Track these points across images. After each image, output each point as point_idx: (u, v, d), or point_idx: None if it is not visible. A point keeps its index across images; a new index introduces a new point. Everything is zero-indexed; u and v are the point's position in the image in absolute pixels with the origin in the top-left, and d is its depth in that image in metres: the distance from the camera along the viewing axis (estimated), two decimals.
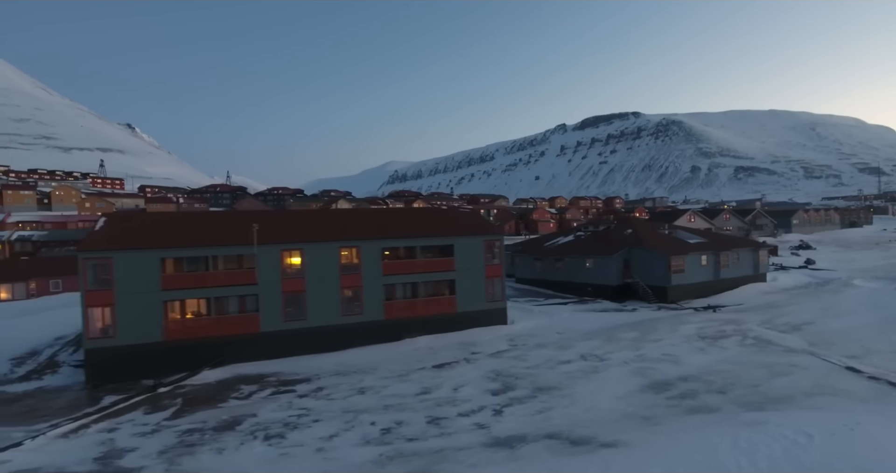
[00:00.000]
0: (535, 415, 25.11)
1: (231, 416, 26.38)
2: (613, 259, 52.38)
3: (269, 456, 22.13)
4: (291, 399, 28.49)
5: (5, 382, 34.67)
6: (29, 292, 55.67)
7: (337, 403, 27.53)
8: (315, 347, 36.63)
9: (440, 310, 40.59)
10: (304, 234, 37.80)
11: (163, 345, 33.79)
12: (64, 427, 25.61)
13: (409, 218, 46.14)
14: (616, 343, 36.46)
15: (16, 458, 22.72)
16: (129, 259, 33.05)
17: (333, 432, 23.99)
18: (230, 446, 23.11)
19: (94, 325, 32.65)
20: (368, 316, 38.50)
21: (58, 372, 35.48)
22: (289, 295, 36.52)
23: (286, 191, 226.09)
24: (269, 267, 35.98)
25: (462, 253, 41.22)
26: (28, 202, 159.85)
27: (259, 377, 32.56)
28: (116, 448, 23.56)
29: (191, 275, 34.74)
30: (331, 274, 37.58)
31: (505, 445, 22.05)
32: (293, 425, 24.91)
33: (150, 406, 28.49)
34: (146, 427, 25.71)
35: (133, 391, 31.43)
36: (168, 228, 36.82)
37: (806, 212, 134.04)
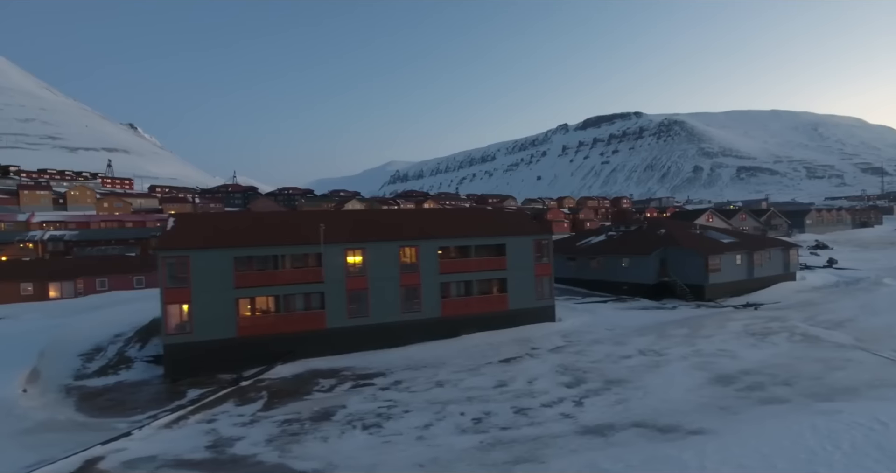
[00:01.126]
0: (615, 406, 26.39)
1: (322, 407, 27.65)
2: (650, 258, 53.66)
3: (373, 444, 23.39)
4: (374, 391, 29.76)
5: (82, 377, 35.92)
6: (77, 290, 56.87)
7: (419, 395, 28.79)
8: (377, 343, 37.88)
9: (493, 308, 41.85)
10: (366, 234, 39.06)
11: (236, 341, 35.03)
12: (165, 418, 26.85)
13: (462, 218, 47.38)
14: (669, 339, 37.73)
15: (130, 446, 23.98)
16: (204, 258, 34.30)
17: (427, 422, 25.26)
18: (332, 434, 24.39)
19: (172, 322, 33.87)
20: (426, 313, 39.75)
21: (132, 368, 36.71)
22: (352, 292, 37.79)
23: (296, 191, 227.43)
24: (334, 266, 37.23)
25: (513, 253, 42.49)
26: (44, 202, 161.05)
27: (333, 371, 33.82)
28: (223, 437, 24.83)
29: (262, 274, 35.99)
30: (391, 272, 38.85)
31: (596, 433, 23.32)
32: (385, 415, 26.18)
33: (239, 399, 29.74)
34: (243, 418, 26.98)
35: (213, 385, 32.69)
36: (238, 228, 38.08)
37: (818, 213, 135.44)
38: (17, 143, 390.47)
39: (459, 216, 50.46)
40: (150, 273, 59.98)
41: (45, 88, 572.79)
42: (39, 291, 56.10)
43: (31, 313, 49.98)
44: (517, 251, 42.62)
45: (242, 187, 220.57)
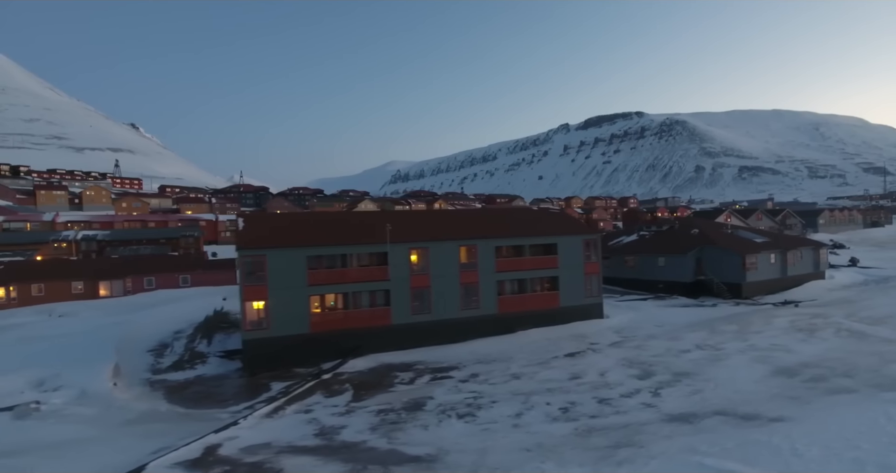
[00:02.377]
0: (691, 396, 27.82)
1: (411, 398, 29.08)
2: (687, 257, 55.14)
3: (472, 431, 24.81)
4: (455, 384, 31.18)
5: (159, 371, 37.33)
6: (126, 289, 58.24)
7: (500, 387, 30.23)
8: (438, 339, 39.33)
9: (545, 305, 43.31)
10: (428, 233, 40.49)
11: (308, 337, 36.47)
12: (264, 409, 28.27)
13: (514, 218, 48.79)
14: (721, 335, 39.17)
15: (241, 435, 25.40)
16: (280, 256, 35.73)
17: (517, 411, 26.68)
18: (430, 423, 25.81)
19: (250, 318, 35.28)
20: (484, 310, 41.20)
21: (207, 363, 38.12)
22: (416, 290, 39.22)
23: (307, 191, 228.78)
24: (399, 264, 38.67)
25: (564, 251, 43.94)
26: (60, 202, 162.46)
27: (405, 365, 35.26)
28: (325, 425, 26.25)
29: (332, 272, 37.42)
30: (452, 270, 40.29)
31: (682, 420, 24.74)
32: (475, 406, 27.60)
33: (325, 391, 31.16)
34: (338, 409, 28.41)
35: (293, 378, 34.14)
36: (309, 228, 39.52)
37: (831, 213, 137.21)
38: (24, 143, 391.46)
39: (512, 216, 51.93)
40: (194, 271, 61.45)
41: (49, 88, 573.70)
42: (90, 289, 57.46)
43: (89, 311, 51.40)
44: (568, 250, 44.07)
45: (254, 187, 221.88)
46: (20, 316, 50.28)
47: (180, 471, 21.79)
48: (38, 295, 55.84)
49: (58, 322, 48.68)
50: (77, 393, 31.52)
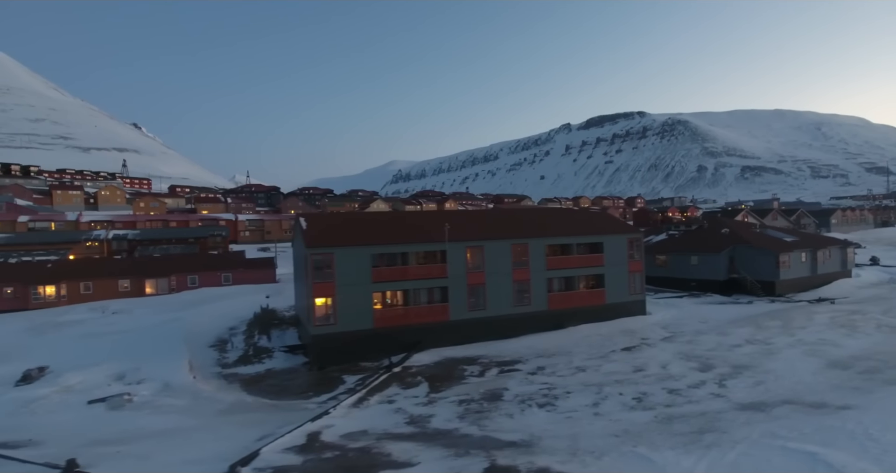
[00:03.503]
0: (755, 387, 29.19)
1: (487, 389, 30.46)
2: (721, 256, 56.53)
3: (556, 419, 26.19)
4: (524, 376, 32.55)
5: (227, 366, 38.71)
6: (170, 287, 59.57)
7: (569, 379, 31.60)
8: (492, 334, 40.72)
9: (592, 302, 44.70)
10: (482, 232, 41.89)
11: (372, 332, 37.85)
12: (349, 400, 29.63)
13: (562, 217, 50.21)
14: (767, 330, 40.55)
15: (335, 423, 26.77)
16: (347, 254, 37.11)
17: (593, 401, 28.06)
18: (514, 412, 27.20)
19: (319, 314, 36.64)
20: (535, 306, 42.60)
21: (273, 357, 39.53)
22: (472, 287, 40.61)
23: (317, 191, 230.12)
24: (456, 262, 40.05)
25: (610, 250, 45.34)
26: (76, 201, 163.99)
27: (469, 359, 36.64)
28: (413, 414, 27.63)
29: (394, 269, 38.79)
30: (505, 268, 41.67)
31: (754, 409, 26.11)
32: (551, 396, 28.97)
33: (400, 383, 32.53)
34: (419, 399, 29.79)
35: (363, 372, 35.53)
36: (371, 228, 40.90)
37: (843, 212, 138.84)
38: (31, 143, 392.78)
39: (559, 216, 53.48)
40: (236, 270, 62.81)
41: (53, 88, 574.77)
42: (136, 287, 58.79)
43: (141, 308, 52.70)
44: (613, 248, 45.46)
45: (265, 187, 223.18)
46: (75, 314, 51.60)
47: (292, 456, 23.16)
48: (87, 293, 57.19)
49: (113, 319, 50.02)
50: (160, 386, 32.90)
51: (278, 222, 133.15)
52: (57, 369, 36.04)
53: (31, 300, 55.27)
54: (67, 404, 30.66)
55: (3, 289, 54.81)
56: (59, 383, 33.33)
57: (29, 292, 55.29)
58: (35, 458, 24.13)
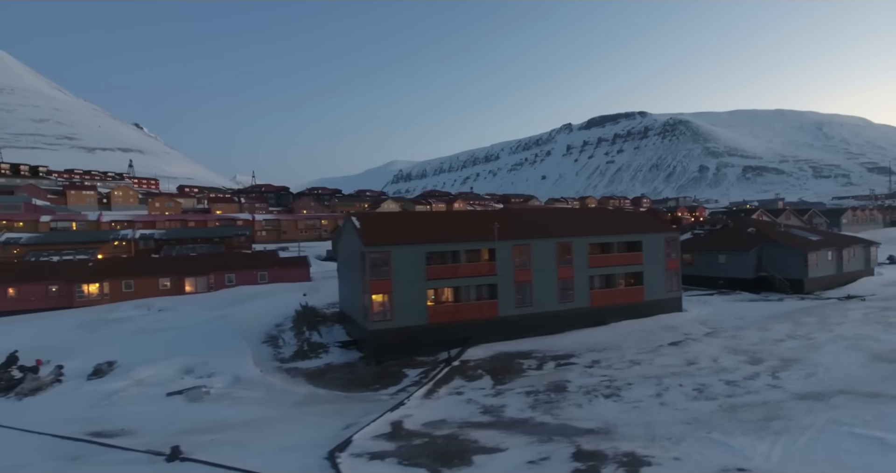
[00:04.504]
0: (808, 378, 30.44)
1: (550, 381, 31.74)
2: (749, 254, 57.87)
3: (624, 409, 27.45)
4: (582, 369, 33.84)
5: (285, 360, 39.95)
6: (209, 285, 60.83)
7: (626, 372, 32.88)
8: (538, 330, 42.01)
9: (631, 299, 46.01)
10: (528, 231, 43.20)
11: (426, 327, 39.14)
12: (419, 391, 30.90)
13: (602, 217, 51.52)
14: (805, 326, 41.85)
15: (413, 413, 28.04)
16: (403, 253, 38.40)
17: (655, 392, 29.31)
18: (582, 402, 28.47)
19: (376, 310, 37.92)
20: (579, 303, 43.90)
21: (329, 352, 40.80)
22: (519, 284, 41.92)
23: (325, 191, 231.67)
24: (505, 260, 41.35)
25: (648, 248, 46.65)
26: (90, 202, 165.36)
27: (522, 353, 37.92)
28: (486, 405, 28.89)
29: (446, 267, 40.09)
30: (550, 266, 42.97)
31: (812, 398, 27.35)
32: (614, 387, 30.26)
33: (462, 376, 33.80)
34: (486, 391, 31.07)
35: (421, 366, 36.81)
36: (423, 226, 42.21)
37: (853, 212, 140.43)
38: (36, 144, 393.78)
39: (599, 215, 54.84)
40: (271, 269, 64.10)
41: (56, 88, 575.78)
42: (176, 286, 60.05)
43: (186, 306, 54.00)
44: (651, 247, 46.77)
45: (275, 187, 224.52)
46: (121, 311, 52.86)
47: (383, 442, 24.44)
48: (128, 291, 58.46)
49: (160, 316, 51.31)
50: (231, 379, 34.17)
51: (294, 222, 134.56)
52: (125, 364, 37.31)
53: (76, 298, 56.52)
54: (146, 396, 31.94)
55: (48, 287, 56.05)
56: (131, 377, 34.59)
57: (73, 290, 56.56)
58: (133, 446, 25.45)
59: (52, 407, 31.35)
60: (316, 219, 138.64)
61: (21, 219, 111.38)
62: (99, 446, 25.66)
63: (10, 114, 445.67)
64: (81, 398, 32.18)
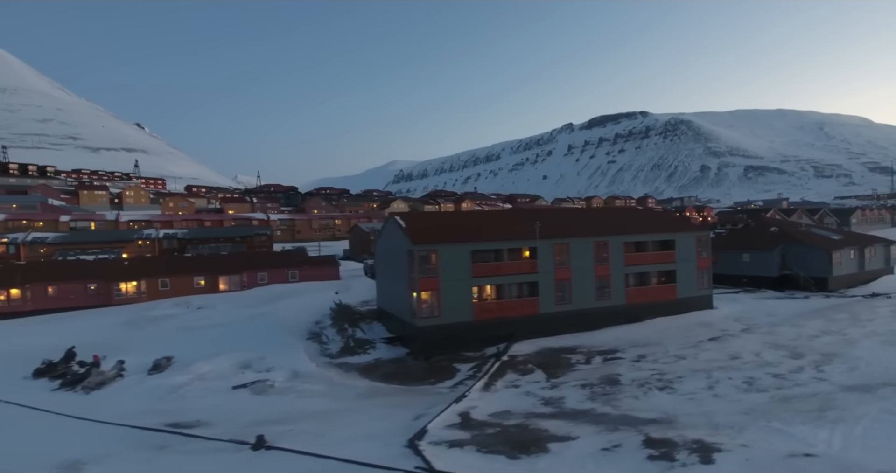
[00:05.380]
0: (850, 371, 31.54)
1: (602, 375, 32.88)
2: (773, 253, 59.05)
3: (679, 401, 28.56)
4: (629, 363, 34.96)
5: (334, 356, 41.10)
6: (242, 283, 61.94)
7: (673, 366, 34.00)
8: (577, 327, 43.13)
9: (664, 296, 47.15)
10: (567, 230, 44.35)
11: (471, 324, 40.28)
12: (478, 384, 32.00)
13: (635, 216, 52.69)
14: (837, 322, 42.98)
15: (477, 405, 29.16)
16: (450, 251, 39.54)
17: (706, 385, 30.42)
18: (638, 394, 29.58)
19: (424, 307, 39.06)
20: (615, 300, 45.04)
21: (376, 348, 41.95)
22: (559, 282, 43.07)
23: (333, 191, 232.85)
24: (545, 259, 42.51)
25: (681, 247, 47.79)
26: (102, 201, 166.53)
27: (567, 349, 39.07)
28: (545, 397, 30.04)
29: (490, 265, 41.23)
30: (588, 264, 44.12)
31: (860, 390, 28.44)
32: (665, 380, 31.37)
33: (514, 370, 34.93)
34: (541, 384, 32.21)
35: (466, 361, 37.94)
36: (466, 226, 43.36)
37: (863, 211, 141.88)
38: (41, 144, 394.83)
39: (633, 215, 56.04)
40: (302, 267, 65.22)
41: (59, 88, 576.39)
42: (210, 284, 61.14)
43: (224, 304, 55.08)
44: (684, 245, 47.92)
45: (284, 187, 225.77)
46: (161, 309, 53.93)
47: (457, 432, 25.57)
48: (164, 290, 59.54)
49: (200, 314, 52.36)
50: (290, 373, 35.30)
51: (308, 221, 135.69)
52: (181, 359, 38.44)
53: (114, 296, 57.61)
54: (212, 389, 33.08)
55: (87, 286, 57.16)
56: (191, 371, 35.71)
57: (112, 288, 57.66)
58: (215, 436, 26.58)
59: (121, 401, 32.46)
60: (329, 218, 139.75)
61: (40, 219, 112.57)
62: (181, 436, 26.81)
63: (14, 114, 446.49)
64: (148, 392, 33.30)
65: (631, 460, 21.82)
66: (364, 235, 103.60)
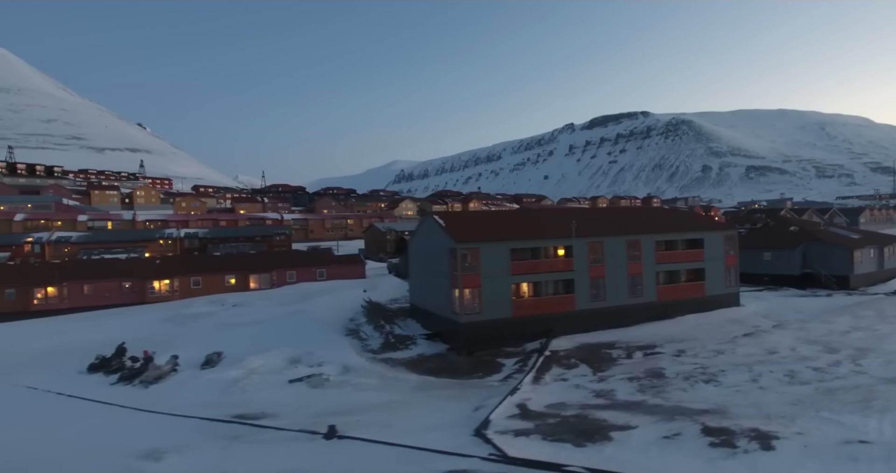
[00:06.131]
0: (887, 365, 32.56)
1: (646, 368, 33.97)
2: (795, 252, 60.19)
3: (726, 393, 29.63)
4: (670, 358, 36.05)
5: (375, 351, 42.18)
6: (271, 282, 63.04)
7: (713, 360, 35.07)
8: (611, 323, 44.23)
9: (693, 294, 48.27)
10: (600, 229, 45.48)
11: (511, 320, 41.41)
12: (527, 377, 33.10)
13: (665, 216, 53.82)
14: (865, 319, 44.10)
15: (532, 397, 30.23)
16: (490, 249, 40.67)
17: (749, 378, 31.48)
18: (685, 387, 30.65)
19: (466, 303, 40.18)
20: (647, 297, 46.18)
21: (417, 344, 43.06)
22: (593, 279, 44.20)
23: (340, 191, 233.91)
24: (581, 257, 43.64)
25: (709, 246, 48.93)
26: (113, 201, 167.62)
27: (605, 344, 40.16)
28: (595, 389, 31.09)
29: (528, 263, 42.38)
30: (621, 262, 45.25)
31: None
32: (709, 374, 32.43)
33: (559, 364, 36.03)
34: (588, 378, 33.31)
35: (508, 356, 39.05)
36: (504, 224, 44.50)
37: (871, 211, 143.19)
38: (46, 144, 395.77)
39: (663, 214, 57.10)
40: (329, 266, 66.33)
41: (62, 88, 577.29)
42: (241, 282, 62.25)
43: (259, 302, 56.20)
44: (712, 244, 49.05)
45: (292, 187, 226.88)
46: (197, 307, 55.06)
47: (519, 421, 26.65)
48: (196, 288, 60.64)
49: (237, 311, 53.49)
50: (341, 368, 36.39)
51: (321, 221, 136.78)
52: (230, 355, 39.54)
53: (148, 294, 58.71)
54: (269, 383, 34.15)
55: (122, 284, 58.26)
56: (243, 366, 36.80)
57: (146, 286, 58.75)
58: (285, 426, 27.66)
59: (182, 394, 33.54)
60: (342, 218, 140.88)
61: (57, 219, 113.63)
62: (251, 426, 27.90)
63: (18, 114, 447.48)
64: (206, 385, 34.37)
65: (693, 447, 22.85)
66: (380, 235, 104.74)
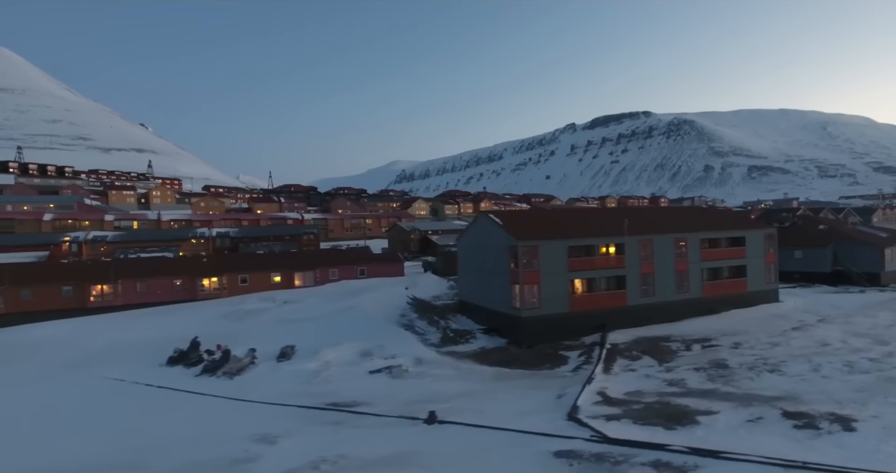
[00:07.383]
0: None
1: (709, 360, 35.65)
2: (826, 250, 61.98)
3: (792, 381, 31.31)
4: (728, 350, 37.76)
5: (438, 345, 43.86)
6: (315, 279, 64.73)
7: (771, 351, 36.80)
8: (660, 318, 45.95)
9: (736, 290, 49.99)
10: (649, 227, 47.23)
11: (568, 315, 43.14)
12: (598, 368, 34.77)
13: (707, 215, 55.58)
14: None
15: (608, 385, 31.90)
16: (550, 246, 42.41)
17: (810, 368, 33.19)
18: (751, 376, 32.31)
19: (527, 298, 41.91)
20: (693, 293, 47.90)
21: (477, 338, 44.77)
22: (644, 276, 45.93)
23: (351, 191, 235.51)
24: (632, 254, 45.38)
25: (750, 244, 50.69)
26: (130, 201, 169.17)
27: (661, 338, 41.85)
28: (664, 379, 32.76)
29: (584, 260, 44.12)
30: (669, 259, 46.98)
31: None
32: (770, 364, 34.11)
33: (622, 356, 37.73)
34: (655, 368, 35.00)
35: (567, 349, 40.77)
36: (559, 223, 46.24)
37: (883, 210, 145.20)
38: (52, 144, 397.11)
39: (705, 214, 58.92)
40: (370, 264, 68.02)
41: (66, 89, 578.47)
42: (287, 280, 63.91)
43: (309, 299, 57.80)
44: (753, 242, 50.81)
45: (304, 187, 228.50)
46: (251, 303, 56.66)
47: (604, 407, 28.33)
48: (244, 285, 62.30)
49: (290, 307, 55.12)
50: (413, 360, 38.05)
51: (340, 221, 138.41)
52: (301, 348, 41.20)
53: (199, 291, 60.37)
54: (351, 374, 35.82)
55: (174, 282, 59.91)
56: (318, 358, 38.46)
57: (196, 284, 60.41)
58: (384, 413, 29.31)
59: (268, 384, 35.12)
60: (359, 217, 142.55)
61: (82, 218, 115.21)
62: (350, 413, 29.56)
63: (24, 114, 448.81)
64: (289, 376, 36.00)
65: (778, 429, 24.54)
66: (404, 234, 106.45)
